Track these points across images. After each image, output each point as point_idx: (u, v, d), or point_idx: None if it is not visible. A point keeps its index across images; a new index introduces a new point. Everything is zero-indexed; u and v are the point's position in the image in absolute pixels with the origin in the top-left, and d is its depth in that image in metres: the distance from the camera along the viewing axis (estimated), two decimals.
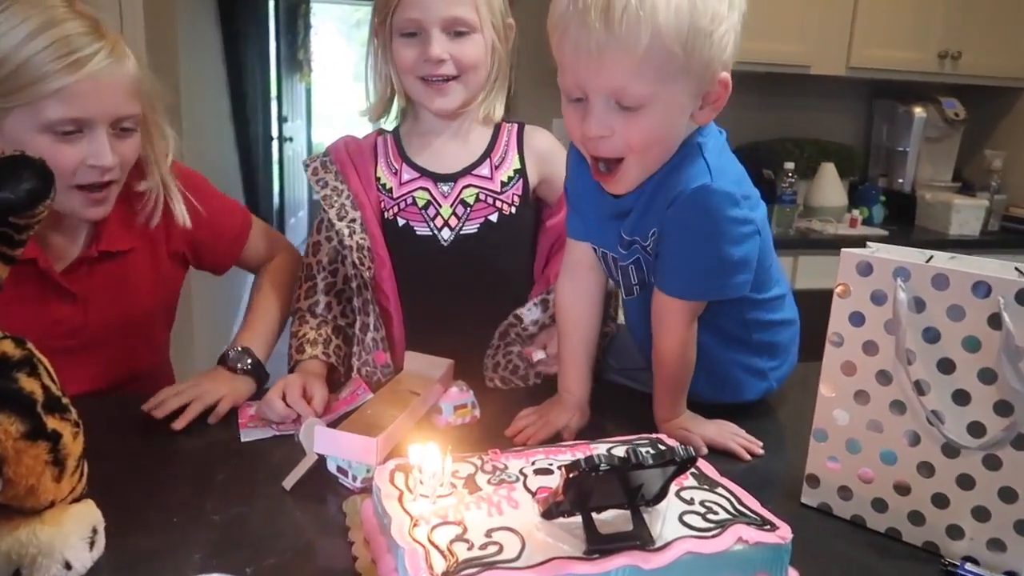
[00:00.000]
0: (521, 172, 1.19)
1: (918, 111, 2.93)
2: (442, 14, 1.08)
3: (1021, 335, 0.70)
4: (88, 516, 0.70)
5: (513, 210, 1.18)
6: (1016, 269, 0.75)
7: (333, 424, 0.91)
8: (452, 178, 1.17)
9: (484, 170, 1.18)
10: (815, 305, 1.48)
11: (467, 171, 1.18)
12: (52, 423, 0.64)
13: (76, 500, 0.70)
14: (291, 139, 6.07)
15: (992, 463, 0.74)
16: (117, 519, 0.73)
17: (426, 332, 1.18)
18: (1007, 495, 0.73)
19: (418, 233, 1.17)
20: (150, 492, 0.84)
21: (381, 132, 1.23)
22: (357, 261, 1.14)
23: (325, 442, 0.86)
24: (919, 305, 0.76)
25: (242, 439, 0.98)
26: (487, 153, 1.19)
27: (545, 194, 1.22)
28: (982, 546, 0.75)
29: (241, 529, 0.78)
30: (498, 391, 1.20)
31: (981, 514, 0.75)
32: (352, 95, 7.14)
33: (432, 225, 1.17)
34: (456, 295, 1.19)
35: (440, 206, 1.17)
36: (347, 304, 1.21)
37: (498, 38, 1.14)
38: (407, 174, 1.18)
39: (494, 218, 1.17)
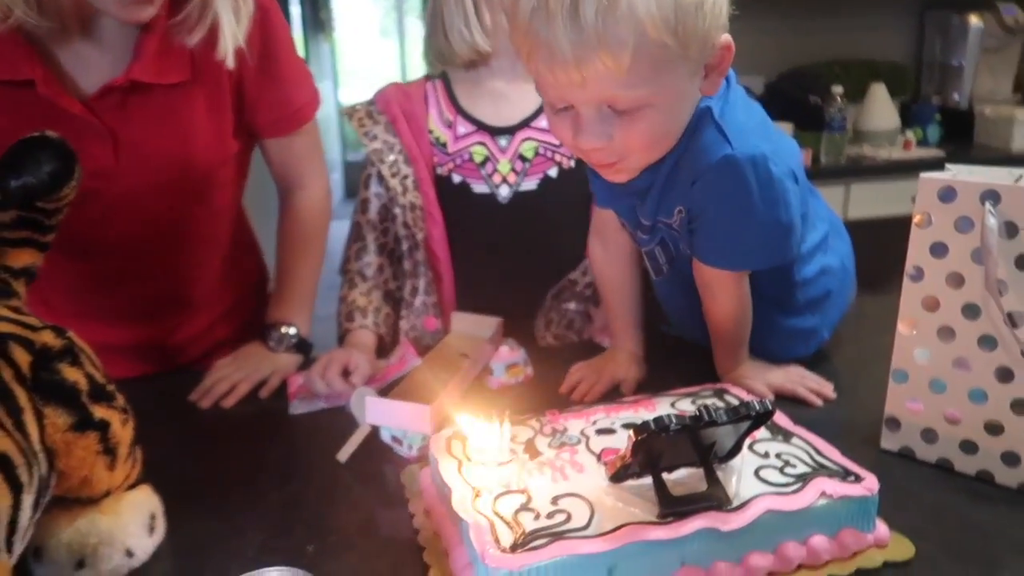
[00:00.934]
0: None
1: (974, 20, 2.75)
2: None
3: None
4: (146, 502, 0.68)
5: (572, 163, 1.12)
6: None
7: (384, 392, 0.88)
8: (510, 131, 1.11)
9: (542, 121, 1.11)
10: (870, 236, 1.41)
11: (525, 123, 1.12)
12: (99, 412, 0.62)
13: (132, 486, 0.69)
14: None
15: None
16: (174, 503, 0.72)
17: (478, 293, 1.14)
18: None
19: (475, 191, 1.12)
20: (204, 473, 0.83)
21: (429, 78, 1.16)
22: (411, 222, 1.10)
23: (377, 412, 0.83)
24: (1011, 230, 0.70)
25: (291, 411, 0.96)
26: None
27: None
28: None
29: (299, 506, 0.76)
30: (550, 348, 1.16)
31: None
32: (379, 52, 7.06)
33: (490, 182, 1.12)
34: (512, 254, 1.14)
35: (498, 161, 1.11)
36: (398, 265, 1.18)
37: None
38: (463, 127, 1.12)
39: (553, 173, 1.11)
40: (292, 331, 1.09)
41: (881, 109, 2.73)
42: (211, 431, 0.94)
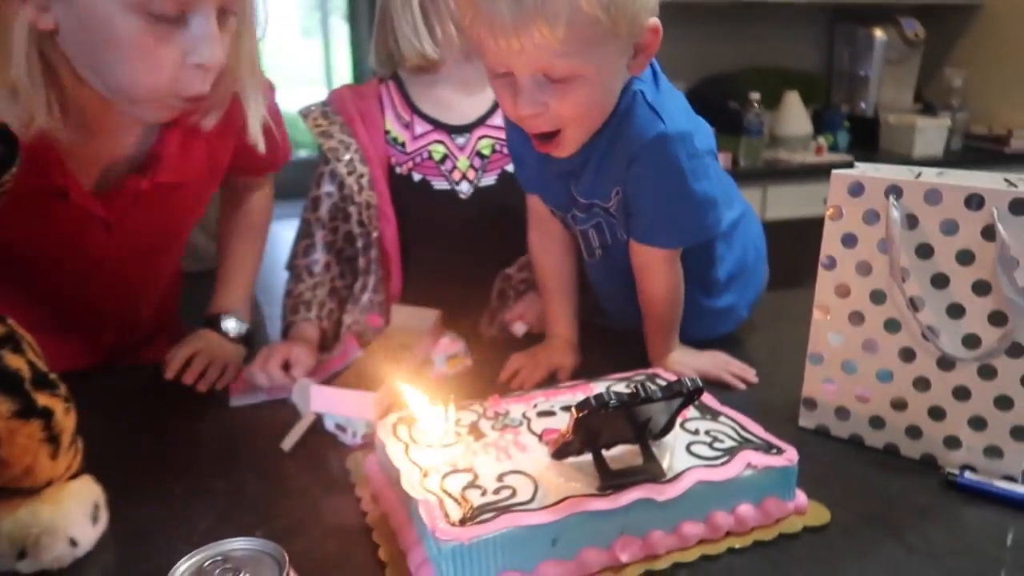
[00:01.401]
0: None
1: (878, 33, 2.92)
2: None
3: (1015, 245, 0.71)
4: (88, 492, 0.68)
5: None
6: (1005, 180, 0.75)
7: (326, 382, 0.89)
8: (467, 129, 1.14)
9: (497, 119, 1.14)
10: (785, 235, 1.49)
11: (481, 121, 1.15)
12: (43, 400, 0.62)
13: (73, 477, 0.68)
14: None
15: (987, 373, 0.75)
16: (117, 494, 0.71)
17: (429, 288, 1.16)
18: (1003, 403, 0.75)
19: (435, 188, 1.14)
20: (147, 465, 0.82)
21: (382, 80, 1.17)
22: (366, 220, 1.12)
23: (322, 400, 0.84)
24: (912, 222, 0.76)
25: (231, 404, 0.96)
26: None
27: None
28: (979, 454, 0.77)
29: (244, 494, 0.77)
30: (491, 340, 1.17)
31: (978, 424, 0.77)
32: (302, 52, 6.94)
33: (450, 179, 1.14)
34: (473, 249, 1.16)
35: (457, 159, 1.14)
36: (346, 264, 1.19)
37: None
38: (420, 127, 1.14)
39: (511, 168, 1.13)
40: (242, 320, 1.11)
41: (795, 116, 2.87)
42: (151, 424, 0.92)
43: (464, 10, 0.79)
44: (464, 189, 1.14)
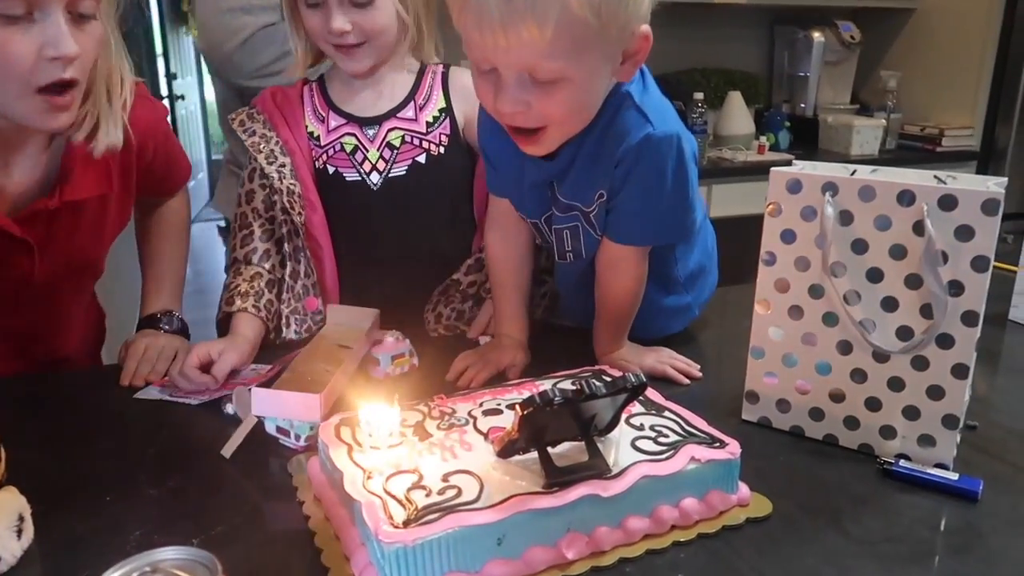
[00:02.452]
0: (447, 111, 1.16)
1: (817, 35, 3.00)
2: None
3: (941, 239, 0.73)
4: (11, 504, 0.65)
5: (442, 150, 1.15)
6: (935, 176, 0.78)
7: (264, 386, 0.87)
8: (377, 121, 1.15)
9: (408, 112, 1.16)
10: (729, 232, 1.52)
11: (391, 114, 1.15)
12: None
13: None
14: (183, 97, 5.75)
15: (920, 364, 0.77)
16: (45, 505, 0.68)
17: (362, 279, 1.17)
18: (935, 392, 0.77)
19: (348, 179, 1.14)
20: (76, 474, 0.79)
21: (307, 82, 1.19)
22: (288, 206, 1.11)
23: (264, 403, 0.82)
24: (846, 218, 0.78)
25: (135, 396, 0.96)
26: (411, 95, 1.16)
27: (472, 138, 1.19)
28: (913, 443, 0.79)
29: (181, 502, 0.74)
30: (437, 339, 1.18)
31: (911, 413, 0.79)
32: None
33: (360, 170, 1.14)
34: (389, 239, 1.16)
35: (367, 150, 1.14)
36: (284, 255, 1.18)
37: None
38: (334, 121, 1.15)
39: (422, 159, 1.14)
40: (177, 317, 1.14)
41: (738, 115, 2.93)
42: (82, 432, 0.89)
43: (451, 2, 0.79)
44: (374, 180, 1.14)
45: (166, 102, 5.36)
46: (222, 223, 1.60)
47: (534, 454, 0.67)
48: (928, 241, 0.73)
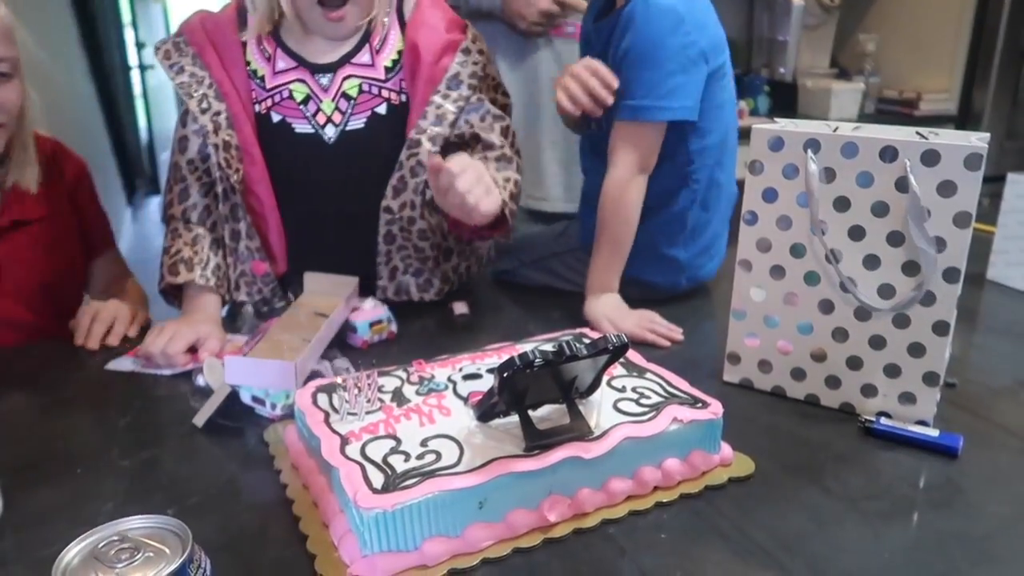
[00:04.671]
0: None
1: None
2: None
3: (926, 195, 0.72)
4: None
5: (403, 98, 1.06)
6: (917, 132, 0.77)
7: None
8: (330, 68, 1.04)
9: (364, 57, 1.05)
10: None
11: (346, 60, 1.05)
12: None
13: None
14: (152, 67, 5.61)
15: (902, 322, 0.77)
16: (14, 477, 0.67)
17: (311, 236, 1.09)
18: (916, 350, 0.77)
19: (297, 131, 1.04)
20: (47, 446, 0.77)
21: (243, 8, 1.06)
22: (223, 162, 1.01)
23: (238, 372, 0.80)
24: (829, 175, 0.77)
25: (106, 366, 0.95)
26: (365, 36, 1.06)
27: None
28: (894, 401, 0.79)
29: (154, 472, 0.73)
30: (417, 305, 1.12)
31: (892, 371, 0.79)
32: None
33: (314, 122, 1.04)
34: (344, 195, 1.07)
35: (321, 101, 1.04)
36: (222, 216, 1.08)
37: None
38: (282, 62, 1.04)
39: (382, 110, 1.05)
40: None
41: None
42: (51, 404, 0.87)
43: None
44: (330, 133, 1.04)
45: (135, 72, 5.24)
46: None
47: (514, 418, 0.66)
48: (913, 196, 0.72)
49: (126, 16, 5.20)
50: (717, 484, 0.69)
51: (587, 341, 0.65)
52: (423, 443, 0.64)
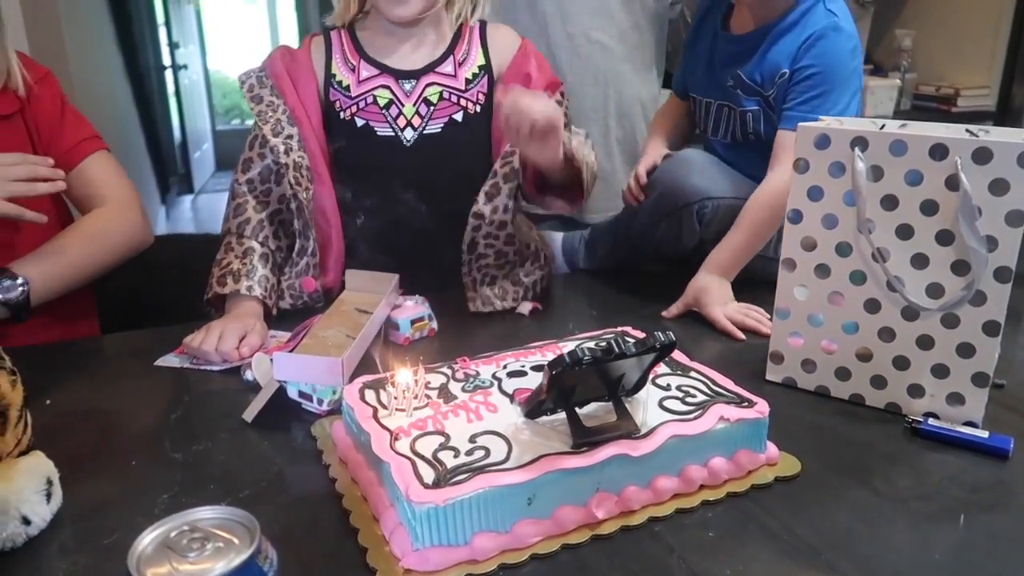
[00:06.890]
0: (486, 69, 1.14)
1: None
2: None
3: (977, 194, 0.71)
4: (40, 468, 0.65)
5: (478, 108, 1.13)
6: (967, 130, 0.76)
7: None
8: (414, 75, 1.12)
9: (447, 67, 1.13)
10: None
11: (430, 68, 1.12)
12: None
13: (23, 453, 0.65)
14: (185, 66, 5.69)
15: (950, 321, 0.76)
16: (71, 469, 0.68)
17: (376, 243, 1.12)
18: (965, 351, 0.76)
19: (379, 134, 1.11)
20: (101, 439, 0.79)
21: (333, 28, 1.14)
22: (293, 180, 1.07)
23: (286, 368, 0.82)
24: (877, 173, 0.76)
25: (155, 363, 0.96)
26: (450, 50, 1.13)
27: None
28: (942, 401, 0.78)
29: (206, 466, 0.74)
30: (458, 301, 1.13)
31: (941, 371, 0.78)
32: (246, 15, 6.73)
33: (395, 125, 1.11)
34: (414, 197, 1.13)
35: (403, 105, 1.11)
36: (280, 227, 1.14)
37: None
38: (365, 71, 1.12)
39: (459, 117, 1.12)
40: (20, 285, 0.98)
41: None
42: (105, 397, 0.89)
43: None
44: (408, 136, 1.12)
45: (168, 72, 5.31)
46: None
47: (560, 415, 0.66)
48: (964, 195, 0.72)
49: (160, 16, 5.28)
50: (763, 483, 0.69)
51: (631, 340, 0.65)
52: (471, 439, 0.64)
